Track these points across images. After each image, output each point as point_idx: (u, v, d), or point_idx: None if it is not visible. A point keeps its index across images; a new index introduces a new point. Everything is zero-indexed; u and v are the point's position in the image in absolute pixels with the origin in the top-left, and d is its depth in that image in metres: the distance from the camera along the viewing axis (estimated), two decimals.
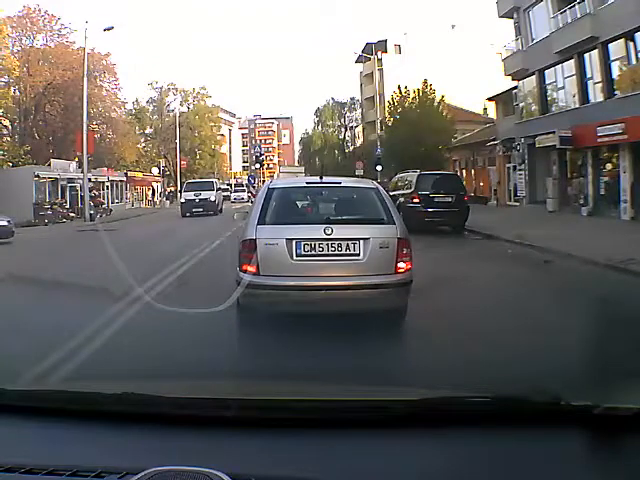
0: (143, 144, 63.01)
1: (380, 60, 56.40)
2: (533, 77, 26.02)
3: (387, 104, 35.31)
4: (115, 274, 6.72)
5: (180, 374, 3.73)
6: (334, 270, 5.72)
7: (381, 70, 55.71)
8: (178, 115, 60.46)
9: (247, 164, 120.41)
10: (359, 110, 65.14)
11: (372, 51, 54.71)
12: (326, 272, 5.71)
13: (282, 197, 6.35)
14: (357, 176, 31.81)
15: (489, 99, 32.91)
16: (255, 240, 5.69)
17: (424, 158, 31.64)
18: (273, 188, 6.33)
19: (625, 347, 4.57)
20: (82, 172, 29.82)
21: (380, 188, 6.55)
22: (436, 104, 33.78)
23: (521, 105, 27.86)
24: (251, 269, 5.64)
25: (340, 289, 5.65)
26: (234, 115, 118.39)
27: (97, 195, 35.45)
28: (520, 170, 28.47)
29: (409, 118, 32.84)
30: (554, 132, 22.84)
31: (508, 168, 30.64)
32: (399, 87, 35.00)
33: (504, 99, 31.11)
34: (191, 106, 66.59)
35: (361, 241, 5.69)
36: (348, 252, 5.70)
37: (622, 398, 1.79)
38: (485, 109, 50.94)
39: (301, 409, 1.83)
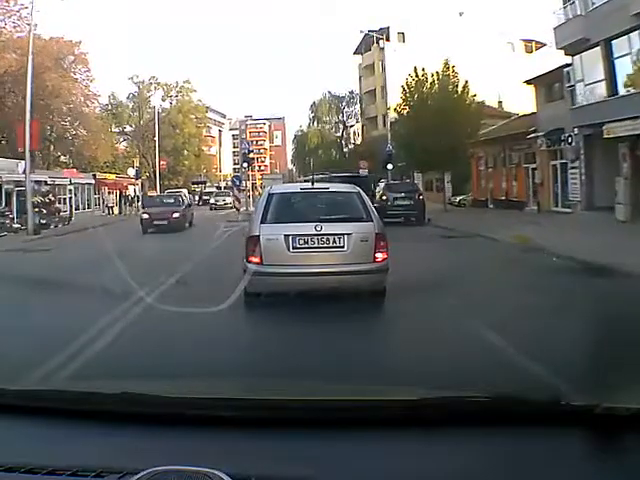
0: (124, 144, 57.71)
1: (382, 50, 51.27)
2: (597, 49, 20.40)
3: (401, 90, 29.44)
4: None
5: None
6: (323, 260, 7.18)
7: (383, 61, 50.71)
8: (160, 110, 54.57)
9: (238, 166, 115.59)
10: (358, 105, 59.97)
11: (373, 40, 49.68)
12: (317, 261, 7.17)
13: (280, 200, 7.68)
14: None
15: (527, 82, 27.06)
16: (259, 236, 7.14)
17: (446, 154, 26.18)
18: (273, 193, 7.78)
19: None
20: (35, 172, 24.28)
21: (361, 192, 7.94)
22: (460, 89, 28.07)
23: (577, 87, 22.17)
24: (255, 260, 7.07)
25: (328, 275, 7.03)
26: (224, 116, 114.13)
27: (52, 201, 29.49)
28: (574, 168, 22.89)
29: (428, 106, 27.22)
30: (636, 118, 17.27)
31: (554, 166, 25.05)
32: (415, 69, 29.24)
33: (547, 81, 25.45)
34: (174, 101, 60.82)
35: (345, 236, 7.15)
36: (335, 245, 7.15)
37: (622, 398, 1.77)
38: (500, 102, 46.19)
39: (301, 409, 1.81)
